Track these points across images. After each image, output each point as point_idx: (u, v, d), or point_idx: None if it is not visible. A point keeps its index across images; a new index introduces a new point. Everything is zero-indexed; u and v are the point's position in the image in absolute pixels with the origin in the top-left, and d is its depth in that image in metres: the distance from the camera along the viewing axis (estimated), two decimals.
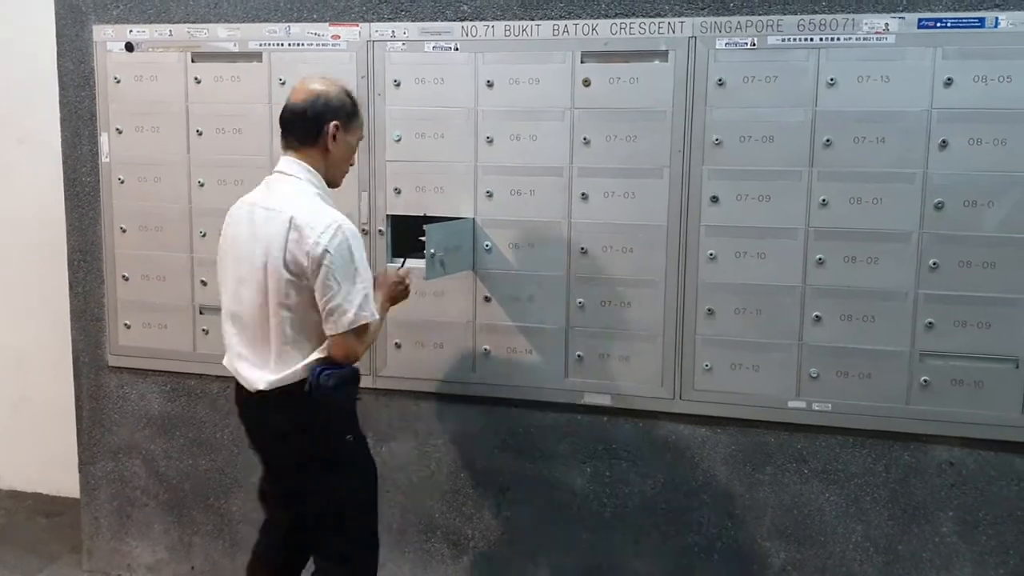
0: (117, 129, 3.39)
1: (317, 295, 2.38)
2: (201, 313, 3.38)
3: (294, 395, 2.44)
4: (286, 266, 2.39)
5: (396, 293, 2.74)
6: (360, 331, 2.42)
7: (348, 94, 2.52)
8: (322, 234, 2.35)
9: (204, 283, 3.34)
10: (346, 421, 2.57)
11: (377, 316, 2.47)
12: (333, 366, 2.43)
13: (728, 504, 3.02)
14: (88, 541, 3.69)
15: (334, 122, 2.46)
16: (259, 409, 2.55)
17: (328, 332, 2.42)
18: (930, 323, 2.77)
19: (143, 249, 3.42)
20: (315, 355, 2.45)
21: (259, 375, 2.49)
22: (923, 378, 2.80)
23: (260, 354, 2.49)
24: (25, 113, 4.12)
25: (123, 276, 3.45)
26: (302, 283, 2.39)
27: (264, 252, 2.42)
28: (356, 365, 2.49)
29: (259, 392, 2.49)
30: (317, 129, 2.46)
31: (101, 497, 3.64)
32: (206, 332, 3.37)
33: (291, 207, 2.40)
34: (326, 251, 2.34)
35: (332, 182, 2.56)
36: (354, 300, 2.38)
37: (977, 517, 2.84)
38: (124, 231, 3.43)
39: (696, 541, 3.06)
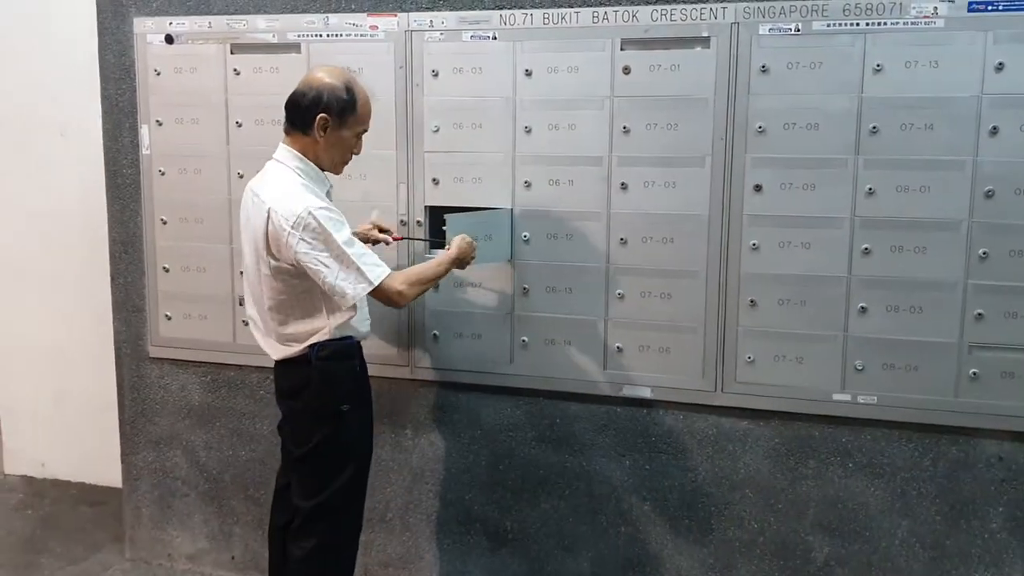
0: (157, 121, 3.41)
1: (313, 279, 2.52)
2: (241, 304, 3.39)
3: (299, 364, 2.64)
4: (270, 254, 2.55)
5: (464, 255, 2.82)
6: (382, 292, 2.56)
7: (348, 89, 2.57)
8: (294, 225, 2.47)
9: (244, 274, 3.35)
10: (343, 391, 2.67)
11: (376, 282, 2.54)
12: (331, 340, 2.62)
13: (771, 498, 2.98)
14: (130, 530, 3.73)
15: (323, 115, 2.55)
16: (277, 371, 2.76)
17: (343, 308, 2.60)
18: (979, 314, 2.71)
19: (184, 240, 3.44)
20: (316, 325, 2.61)
21: (269, 344, 2.71)
22: (972, 370, 2.74)
23: (265, 325, 2.70)
24: (66, 106, 4.16)
25: (164, 268, 3.48)
26: (284, 267, 2.54)
27: (254, 239, 2.60)
28: (354, 339, 2.70)
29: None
30: (310, 118, 2.56)
31: (143, 487, 3.68)
32: (246, 323, 3.37)
33: (270, 198, 2.54)
34: (300, 239, 2.47)
35: (330, 170, 2.67)
36: (346, 276, 2.51)
37: None
38: (165, 223, 3.45)
39: (738, 535, 3.02)
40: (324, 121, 2.54)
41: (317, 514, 2.67)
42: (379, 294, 2.56)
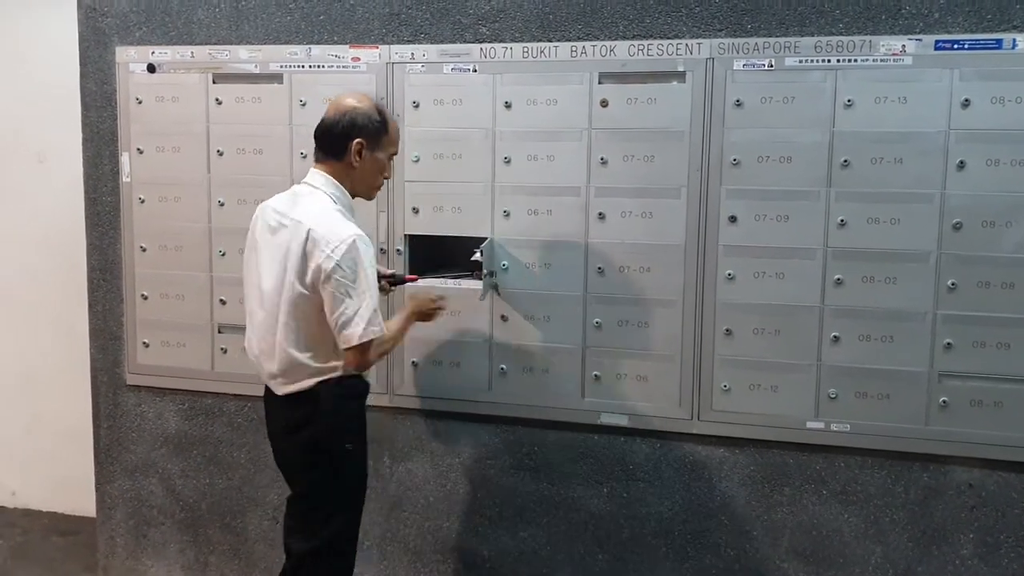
0: (138, 149, 3.42)
1: (327, 308, 2.48)
2: (220, 332, 3.39)
3: (306, 399, 2.58)
4: (300, 279, 2.50)
5: (427, 311, 2.84)
6: (367, 345, 2.51)
7: (379, 111, 2.61)
8: (335, 248, 2.44)
9: (223, 302, 3.36)
10: (349, 430, 2.65)
11: (384, 332, 2.54)
12: (343, 378, 2.58)
13: (746, 525, 3.01)
14: (104, 560, 3.69)
15: (358, 139, 2.55)
16: (277, 406, 2.69)
17: (340, 345, 2.52)
18: (948, 343, 2.77)
19: (162, 268, 3.44)
20: (330, 363, 2.57)
21: (272, 378, 2.63)
22: (942, 399, 2.79)
23: (268, 356, 2.62)
24: (46, 133, 4.17)
25: (142, 295, 3.48)
26: (313, 296, 2.49)
27: (282, 263, 2.53)
28: (366, 380, 2.67)
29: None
30: (343, 145, 2.56)
31: (117, 516, 3.65)
32: (224, 351, 3.39)
33: (310, 220, 2.50)
34: (337, 265, 2.43)
35: (363, 196, 2.68)
36: (364, 315, 2.47)
37: (998, 539, 2.82)
38: (144, 250, 3.45)
39: (714, 563, 3.04)
40: (360, 146, 2.55)
41: (314, 559, 2.62)
42: (362, 347, 2.50)
